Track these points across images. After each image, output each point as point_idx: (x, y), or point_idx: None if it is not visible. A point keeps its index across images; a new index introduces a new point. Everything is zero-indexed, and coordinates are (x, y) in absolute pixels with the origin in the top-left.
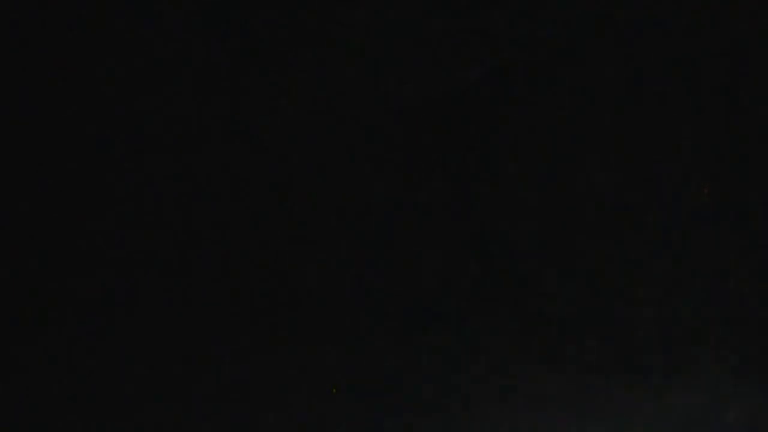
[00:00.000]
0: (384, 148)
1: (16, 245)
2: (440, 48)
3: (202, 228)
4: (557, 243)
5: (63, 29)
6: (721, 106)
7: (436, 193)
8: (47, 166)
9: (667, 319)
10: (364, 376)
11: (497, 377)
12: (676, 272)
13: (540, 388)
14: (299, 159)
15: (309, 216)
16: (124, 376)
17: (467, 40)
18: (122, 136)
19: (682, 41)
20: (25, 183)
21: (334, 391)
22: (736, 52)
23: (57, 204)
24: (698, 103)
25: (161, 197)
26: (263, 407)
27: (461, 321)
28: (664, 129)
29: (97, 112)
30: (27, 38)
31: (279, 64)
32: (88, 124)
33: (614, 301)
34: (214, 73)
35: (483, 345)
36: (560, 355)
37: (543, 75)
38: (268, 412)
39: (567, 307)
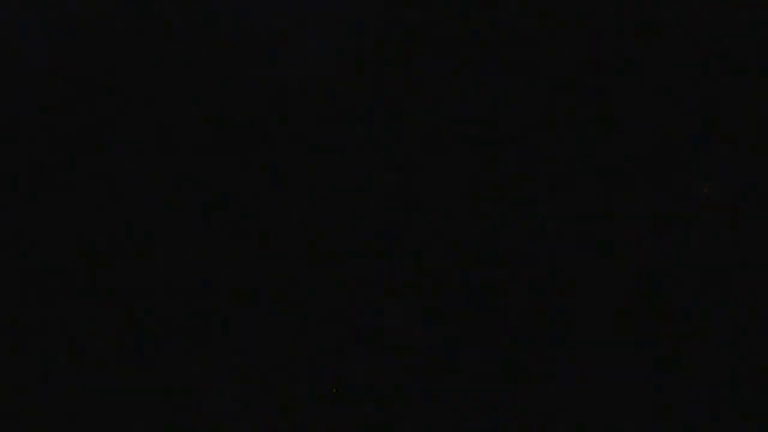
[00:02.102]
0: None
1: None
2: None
3: (202, 227)
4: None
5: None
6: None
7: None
8: (46, 165)
9: None
10: (363, 377)
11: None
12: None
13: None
14: (298, 159)
15: (310, 216)
16: (126, 374)
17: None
18: (121, 136)
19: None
20: (26, 182)
21: (335, 391)
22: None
23: (56, 203)
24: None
25: (161, 196)
26: (263, 407)
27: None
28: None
29: (96, 111)
30: (28, 40)
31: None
32: (88, 124)
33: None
34: (210, 69)
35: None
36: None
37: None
38: (268, 412)
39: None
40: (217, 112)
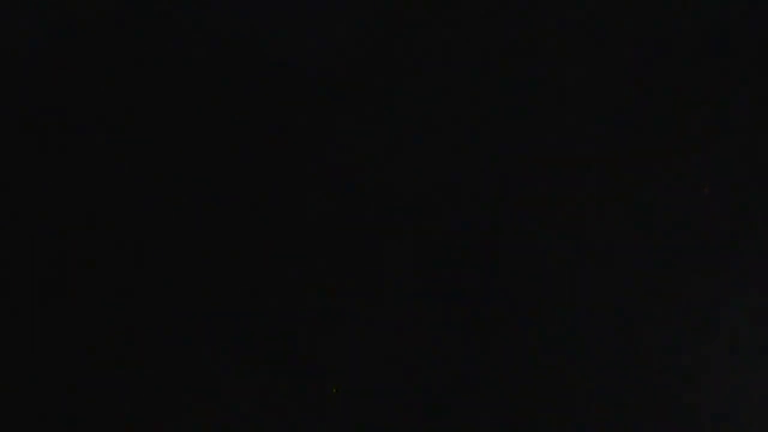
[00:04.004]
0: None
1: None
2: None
3: (202, 227)
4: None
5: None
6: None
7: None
8: (45, 165)
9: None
10: (361, 378)
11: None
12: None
13: None
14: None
15: (310, 215)
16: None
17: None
18: (121, 135)
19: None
20: (27, 181)
21: (335, 391)
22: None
23: (55, 203)
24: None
25: (161, 196)
26: (264, 407)
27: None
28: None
29: (96, 111)
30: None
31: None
32: (87, 124)
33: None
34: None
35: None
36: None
37: None
38: (268, 412)
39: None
40: (217, 112)
